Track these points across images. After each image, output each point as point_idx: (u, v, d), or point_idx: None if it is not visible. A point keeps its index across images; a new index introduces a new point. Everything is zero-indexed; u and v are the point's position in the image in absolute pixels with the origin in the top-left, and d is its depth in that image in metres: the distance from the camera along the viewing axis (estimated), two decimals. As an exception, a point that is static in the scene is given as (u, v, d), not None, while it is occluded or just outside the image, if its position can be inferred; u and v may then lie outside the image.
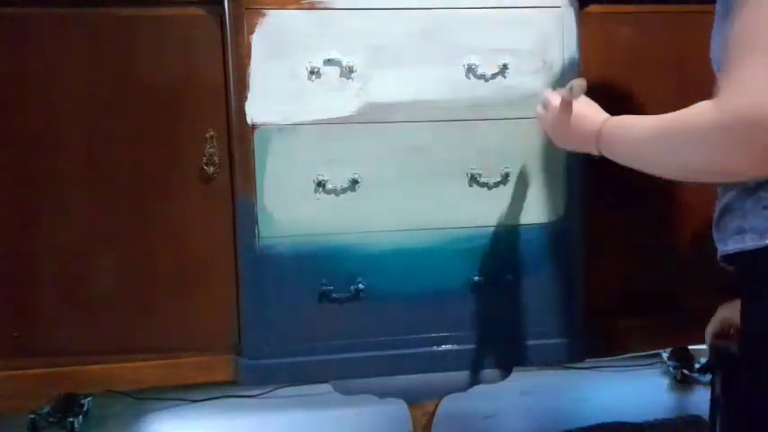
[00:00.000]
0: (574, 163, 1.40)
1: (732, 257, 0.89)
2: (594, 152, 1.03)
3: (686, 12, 1.45)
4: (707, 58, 0.93)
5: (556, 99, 1.11)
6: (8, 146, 1.32)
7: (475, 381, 1.44)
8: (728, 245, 0.88)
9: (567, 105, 1.08)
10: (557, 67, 1.39)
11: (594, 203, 1.43)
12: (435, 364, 1.41)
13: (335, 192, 1.35)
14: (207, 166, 1.36)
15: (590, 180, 1.41)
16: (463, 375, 1.43)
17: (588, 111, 1.07)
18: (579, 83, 1.07)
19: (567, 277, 1.43)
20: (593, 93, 1.08)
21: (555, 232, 1.41)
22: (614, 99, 1.43)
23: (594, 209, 1.44)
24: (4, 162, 1.32)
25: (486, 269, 1.39)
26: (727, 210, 0.90)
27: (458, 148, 1.37)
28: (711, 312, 1.14)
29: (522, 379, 1.57)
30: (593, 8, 1.42)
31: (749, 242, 0.85)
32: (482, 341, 1.42)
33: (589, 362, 1.64)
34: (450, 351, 1.41)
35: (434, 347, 1.41)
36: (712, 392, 1.09)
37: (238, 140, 1.33)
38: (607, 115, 1.03)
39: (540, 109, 1.16)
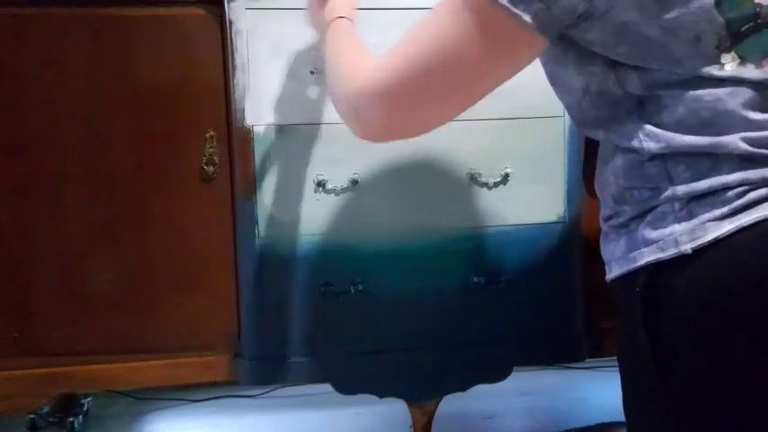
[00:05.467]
0: (574, 163, 1.40)
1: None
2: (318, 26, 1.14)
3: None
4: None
5: None
6: (8, 146, 1.32)
7: (475, 381, 1.44)
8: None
9: None
10: (557, 67, 1.39)
11: (594, 203, 1.43)
12: (435, 364, 1.41)
13: (335, 192, 1.35)
14: (207, 166, 1.36)
15: (590, 180, 1.41)
16: (463, 375, 1.43)
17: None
18: None
19: (566, 277, 1.43)
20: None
21: (555, 232, 1.41)
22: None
23: (594, 209, 1.43)
24: (4, 162, 1.32)
25: (485, 269, 1.39)
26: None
27: (458, 148, 1.37)
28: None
29: (522, 379, 1.57)
30: (593, 8, 1.41)
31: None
32: (482, 341, 1.42)
33: (589, 362, 1.63)
34: (450, 351, 1.41)
35: (434, 347, 1.40)
36: None
37: (238, 140, 1.33)
38: (343, 15, 1.09)
39: None
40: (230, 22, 1.31)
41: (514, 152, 1.39)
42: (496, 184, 1.38)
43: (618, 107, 0.83)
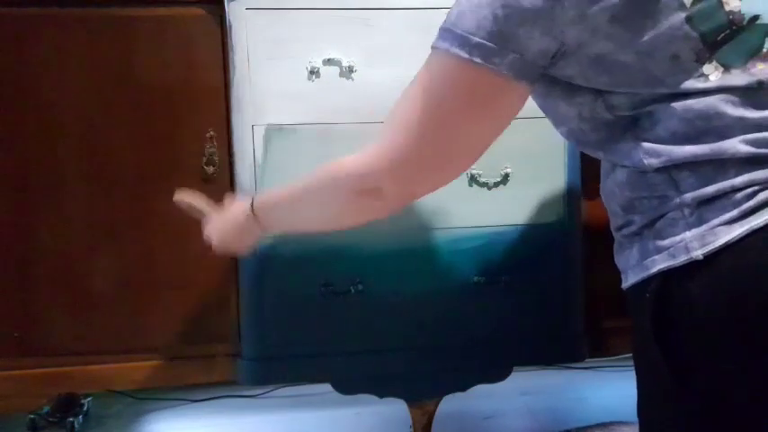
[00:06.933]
0: (574, 163, 1.40)
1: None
2: (259, 232, 1.05)
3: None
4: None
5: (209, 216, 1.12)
6: (8, 146, 1.32)
7: (475, 381, 1.44)
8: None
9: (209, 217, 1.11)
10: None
11: (595, 204, 1.43)
12: (435, 364, 1.41)
13: (335, 192, 1.35)
14: (207, 166, 1.36)
15: (590, 180, 1.41)
16: (463, 375, 1.43)
17: (230, 206, 1.08)
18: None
19: (566, 277, 1.43)
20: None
21: (555, 232, 1.41)
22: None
23: (594, 209, 1.44)
24: (4, 162, 1.32)
25: (486, 269, 1.39)
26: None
27: (458, 148, 1.37)
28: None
29: (522, 379, 1.57)
30: (593, 8, 1.41)
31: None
32: (482, 341, 1.42)
33: (589, 362, 1.64)
34: (450, 351, 1.41)
35: (434, 347, 1.40)
36: None
37: (238, 140, 1.33)
38: (247, 200, 1.05)
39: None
40: (230, 23, 1.31)
41: (514, 152, 1.39)
42: (496, 184, 1.38)
43: (613, 128, 0.83)
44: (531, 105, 1.37)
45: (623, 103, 0.81)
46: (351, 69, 1.33)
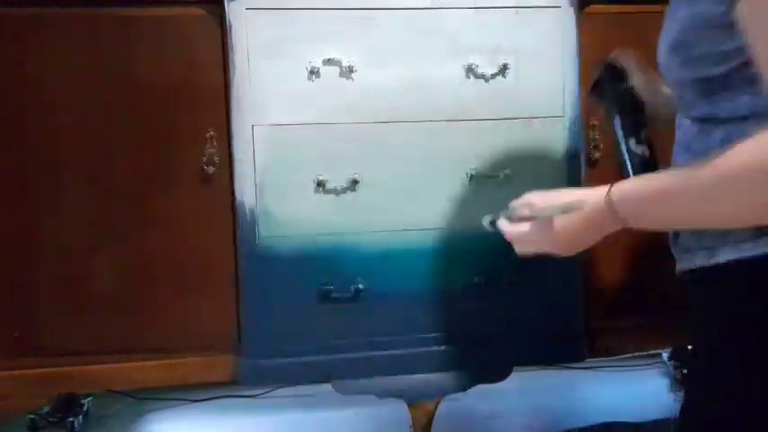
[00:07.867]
0: (574, 163, 1.40)
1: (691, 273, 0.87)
2: (612, 230, 0.88)
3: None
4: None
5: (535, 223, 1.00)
6: (8, 146, 1.32)
7: (475, 381, 1.44)
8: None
9: (549, 223, 0.96)
10: (556, 68, 1.39)
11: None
12: (435, 364, 1.41)
13: (335, 192, 1.35)
14: (207, 166, 1.36)
15: (590, 180, 1.41)
16: (463, 375, 1.43)
17: (574, 212, 0.91)
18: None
19: (566, 277, 1.43)
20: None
21: (555, 232, 1.41)
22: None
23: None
24: (4, 162, 1.32)
25: (486, 269, 1.39)
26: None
27: (458, 148, 1.37)
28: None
29: (522, 379, 1.57)
30: (593, 8, 1.42)
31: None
32: (482, 341, 1.42)
33: (589, 362, 1.63)
34: (451, 351, 1.41)
35: (434, 347, 1.41)
36: None
37: (238, 140, 1.33)
38: (596, 193, 0.87)
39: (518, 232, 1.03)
40: (230, 23, 1.31)
41: (514, 152, 1.39)
42: (496, 185, 1.38)
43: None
44: (530, 105, 1.37)
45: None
46: (351, 69, 1.33)
